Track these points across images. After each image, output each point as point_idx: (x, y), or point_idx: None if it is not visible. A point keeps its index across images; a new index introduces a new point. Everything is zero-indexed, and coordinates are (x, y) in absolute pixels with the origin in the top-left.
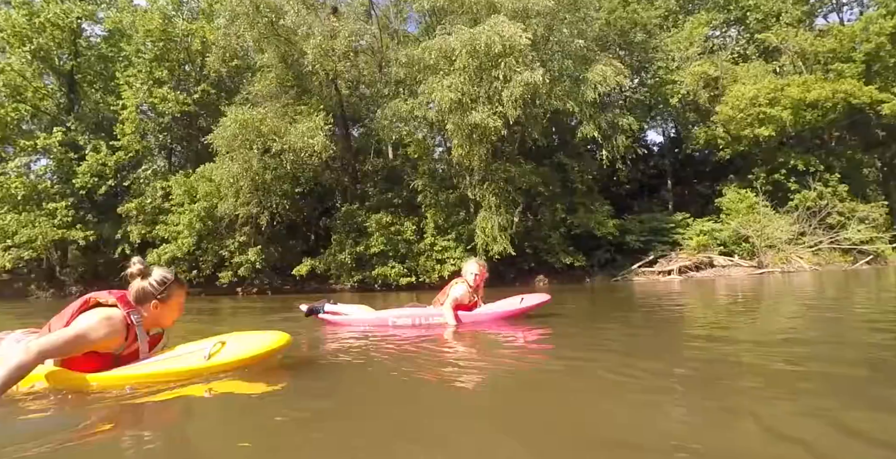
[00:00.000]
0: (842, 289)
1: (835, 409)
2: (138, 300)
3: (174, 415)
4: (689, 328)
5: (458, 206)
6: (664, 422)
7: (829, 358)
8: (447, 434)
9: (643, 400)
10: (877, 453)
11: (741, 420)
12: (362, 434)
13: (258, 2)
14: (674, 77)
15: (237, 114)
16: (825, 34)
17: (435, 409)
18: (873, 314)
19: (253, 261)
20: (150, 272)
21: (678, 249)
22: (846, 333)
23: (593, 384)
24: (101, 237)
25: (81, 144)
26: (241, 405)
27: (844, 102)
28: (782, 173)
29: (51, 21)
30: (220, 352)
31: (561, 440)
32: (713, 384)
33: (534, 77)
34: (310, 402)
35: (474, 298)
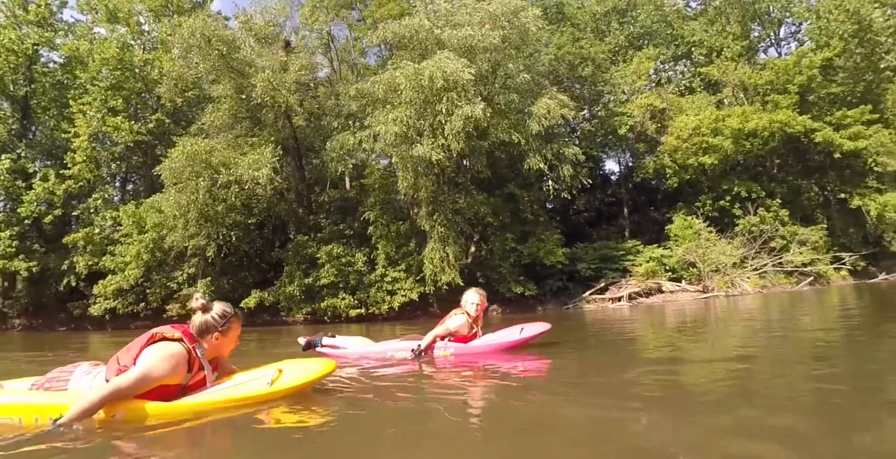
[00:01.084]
0: (784, 310)
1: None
2: (201, 332)
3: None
4: (644, 352)
5: (409, 237)
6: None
7: (774, 377)
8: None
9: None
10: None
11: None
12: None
13: (209, 35)
14: (622, 109)
15: (185, 145)
16: (763, 68)
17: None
18: (815, 331)
19: (202, 293)
20: (212, 307)
21: (628, 276)
22: (791, 351)
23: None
24: (46, 268)
25: (31, 171)
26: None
27: (781, 131)
28: (727, 199)
29: (5, 46)
30: (280, 379)
31: None
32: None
33: (474, 111)
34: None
35: (474, 328)
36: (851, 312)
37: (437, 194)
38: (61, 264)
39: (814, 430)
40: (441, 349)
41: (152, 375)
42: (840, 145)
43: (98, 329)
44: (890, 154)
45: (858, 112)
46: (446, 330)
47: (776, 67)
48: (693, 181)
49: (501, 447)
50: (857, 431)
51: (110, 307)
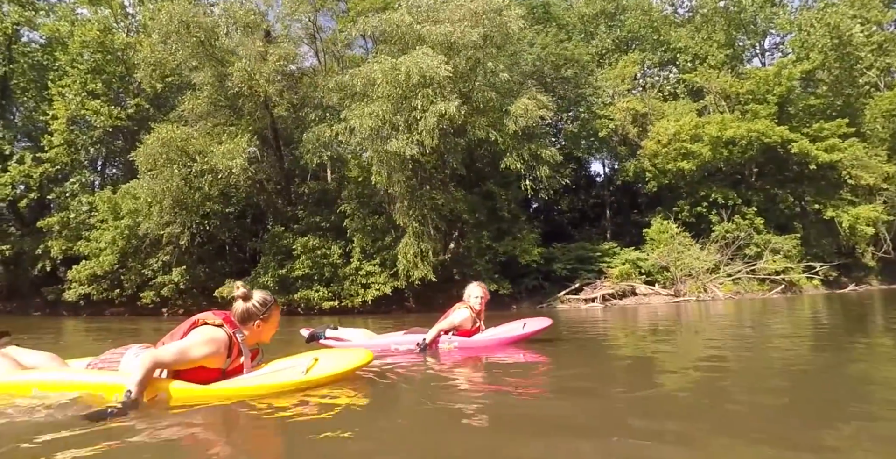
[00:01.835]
0: (755, 317)
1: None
2: (243, 319)
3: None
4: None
5: (385, 231)
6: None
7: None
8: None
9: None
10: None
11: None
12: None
13: (189, 21)
14: (604, 112)
15: (161, 131)
16: (745, 77)
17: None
18: (783, 338)
19: (176, 281)
20: (252, 296)
21: (603, 277)
22: (758, 357)
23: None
24: (21, 252)
25: (8, 153)
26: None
27: (758, 140)
28: (704, 205)
29: None
30: (315, 368)
31: None
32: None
33: (448, 108)
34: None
35: (477, 322)
36: (821, 320)
37: (414, 190)
38: (36, 247)
39: (772, 437)
40: (445, 343)
41: (190, 353)
42: (816, 157)
43: (73, 315)
44: (864, 168)
45: (835, 125)
46: (451, 324)
47: (757, 77)
48: (672, 186)
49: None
50: (815, 438)
51: (85, 293)
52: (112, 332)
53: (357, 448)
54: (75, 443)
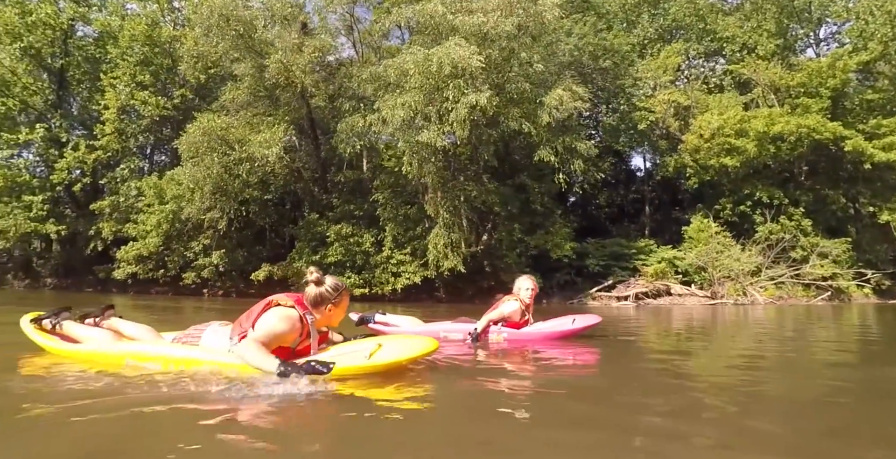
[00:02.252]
0: (798, 323)
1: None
2: (315, 303)
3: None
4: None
5: (417, 221)
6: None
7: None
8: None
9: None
10: None
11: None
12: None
13: (229, 14)
14: (644, 104)
15: (202, 121)
16: (796, 69)
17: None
18: (827, 349)
19: (216, 264)
20: (325, 281)
21: (637, 275)
22: (799, 367)
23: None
24: (76, 232)
25: (65, 140)
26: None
27: (808, 136)
28: (748, 204)
29: (43, 20)
30: (378, 353)
31: None
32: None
33: (479, 99)
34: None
35: (525, 315)
36: (870, 332)
37: (447, 181)
38: (89, 229)
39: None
40: (495, 334)
41: (276, 331)
42: (871, 156)
43: (121, 292)
44: None
45: (895, 122)
46: (500, 315)
47: (809, 69)
48: (714, 183)
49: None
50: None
51: (132, 272)
52: (157, 309)
53: (403, 437)
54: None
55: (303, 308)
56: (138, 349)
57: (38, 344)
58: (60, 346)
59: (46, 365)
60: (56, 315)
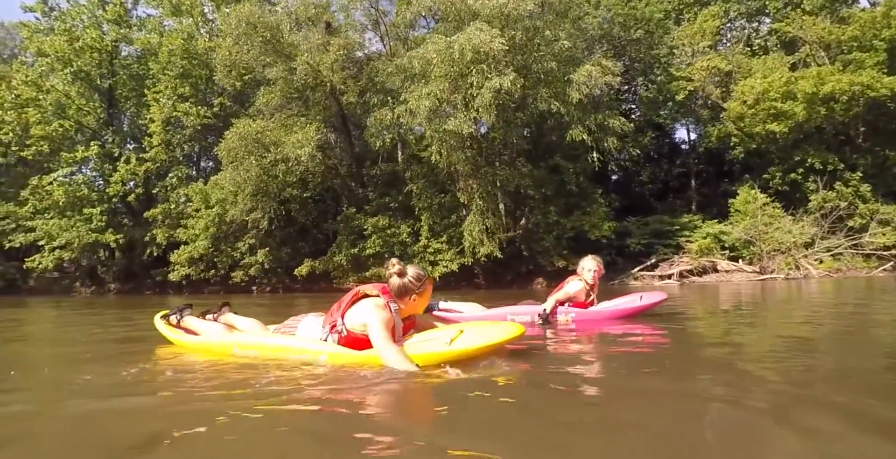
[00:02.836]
0: (856, 298)
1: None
2: (399, 293)
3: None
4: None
5: (452, 209)
6: None
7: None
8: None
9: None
10: None
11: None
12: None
13: (255, 22)
14: (682, 73)
15: (239, 126)
16: (848, 22)
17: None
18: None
19: (261, 262)
20: (407, 271)
21: (681, 252)
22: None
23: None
24: (133, 240)
25: (117, 155)
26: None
27: (863, 94)
28: (799, 172)
29: (89, 45)
30: (459, 339)
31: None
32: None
33: (503, 82)
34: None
35: (591, 296)
36: None
37: (479, 167)
38: (145, 236)
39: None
40: (562, 315)
41: (386, 320)
42: None
43: (177, 293)
44: None
45: None
46: (566, 295)
47: (862, 21)
48: (762, 151)
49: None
50: None
51: (186, 274)
52: (211, 306)
53: (497, 420)
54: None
55: (388, 298)
56: (243, 339)
57: (166, 337)
58: (182, 338)
59: (172, 354)
60: (180, 312)
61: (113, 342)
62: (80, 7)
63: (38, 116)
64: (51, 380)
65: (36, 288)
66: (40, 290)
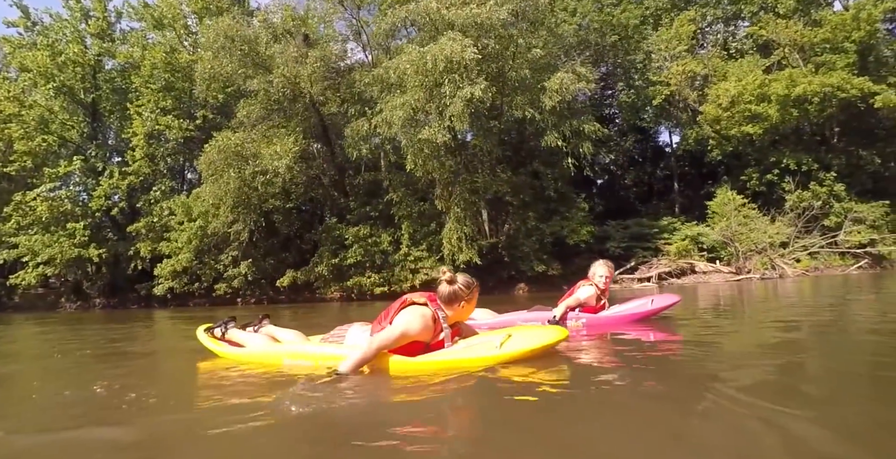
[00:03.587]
0: (823, 297)
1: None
2: (449, 301)
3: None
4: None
5: (431, 217)
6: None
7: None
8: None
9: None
10: None
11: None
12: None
13: (233, 35)
14: (658, 77)
15: (219, 139)
16: (819, 24)
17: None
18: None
19: (244, 273)
20: (457, 279)
21: (660, 255)
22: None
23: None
24: (118, 254)
25: (101, 169)
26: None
27: (834, 95)
28: (775, 172)
29: (72, 59)
30: (508, 343)
31: None
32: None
33: (474, 91)
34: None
35: (602, 300)
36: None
37: (457, 174)
38: (129, 250)
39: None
40: (573, 320)
41: (410, 331)
42: None
43: (162, 307)
44: None
45: None
46: (576, 301)
47: (832, 23)
48: (740, 153)
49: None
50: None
51: (170, 287)
52: (195, 320)
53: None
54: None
55: (435, 305)
56: (293, 349)
57: (211, 350)
58: (228, 350)
59: (221, 366)
60: (224, 325)
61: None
62: (63, 22)
63: (20, 132)
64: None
65: (21, 305)
66: (25, 306)
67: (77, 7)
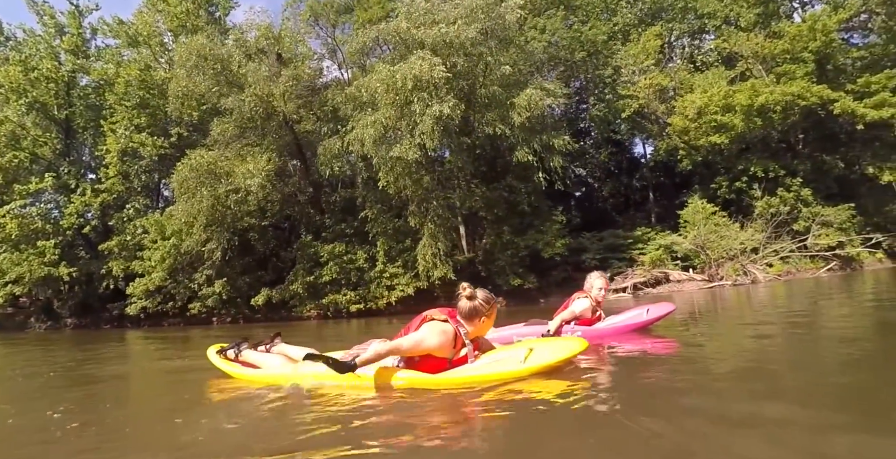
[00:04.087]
0: (788, 301)
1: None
2: (469, 316)
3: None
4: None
5: (406, 233)
6: None
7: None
8: None
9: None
10: None
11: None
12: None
13: (206, 54)
14: (627, 91)
15: (192, 157)
16: (778, 36)
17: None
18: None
19: (219, 292)
20: (477, 295)
21: (635, 265)
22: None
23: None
24: (90, 272)
25: (73, 187)
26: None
27: (795, 103)
28: (743, 180)
29: (45, 75)
30: (531, 357)
31: None
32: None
33: (442, 109)
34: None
35: (597, 312)
36: (883, 299)
37: (430, 191)
38: (101, 268)
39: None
40: (568, 333)
41: (424, 343)
42: (863, 116)
43: (136, 327)
44: None
45: (884, 77)
46: (572, 314)
47: (791, 35)
48: (709, 162)
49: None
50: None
51: (143, 307)
52: (169, 340)
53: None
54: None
55: (455, 322)
56: (313, 369)
57: (225, 371)
58: (244, 371)
59: (235, 387)
60: (237, 346)
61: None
62: (37, 37)
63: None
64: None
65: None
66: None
67: (51, 23)
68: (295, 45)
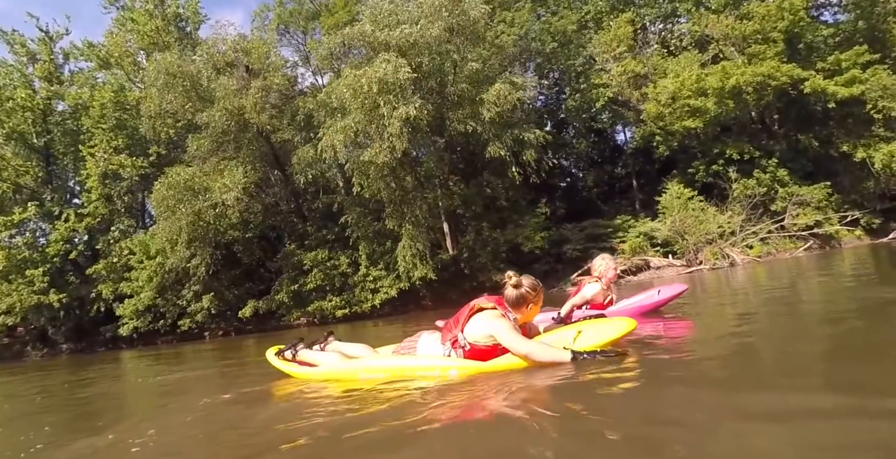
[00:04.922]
0: (765, 284)
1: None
2: (517, 304)
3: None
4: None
5: (386, 235)
6: None
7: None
8: None
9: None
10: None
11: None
12: None
13: (175, 72)
14: (600, 80)
15: (168, 175)
16: (748, 17)
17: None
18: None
19: (207, 307)
20: (523, 283)
21: (616, 254)
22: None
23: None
24: (79, 297)
25: (57, 213)
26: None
27: (766, 84)
28: (720, 163)
29: (20, 105)
30: (580, 338)
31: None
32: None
33: (409, 111)
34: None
35: (609, 295)
36: (862, 275)
37: (406, 192)
38: (90, 292)
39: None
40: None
41: (510, 325)
42: (833, 94)
43: (130, 347)
44: (893, 98)
45: (854, 54)
46: (583, 298)
47: (759, 15)
48: (686, 147)
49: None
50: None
51: (135, 327)
52: (162, 358)
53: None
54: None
55: (503, 309)
56: (368, 364)
57: (285, 371)
58: (302, 370)
59: (297, 386)
60: (294, 347)
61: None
62: (9, 67)
63: None
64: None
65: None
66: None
67: (23, 51)
68: (265, 56)
